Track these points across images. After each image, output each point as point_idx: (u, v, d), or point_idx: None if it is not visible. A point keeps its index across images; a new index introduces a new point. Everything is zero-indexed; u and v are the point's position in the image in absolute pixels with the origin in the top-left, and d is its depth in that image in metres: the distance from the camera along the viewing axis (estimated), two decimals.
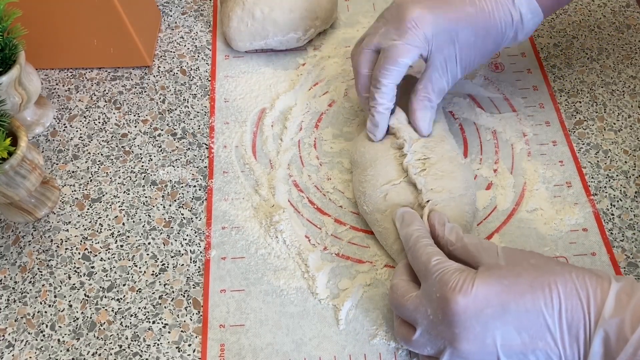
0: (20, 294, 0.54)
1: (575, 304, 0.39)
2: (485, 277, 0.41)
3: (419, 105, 0.55)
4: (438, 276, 0.43)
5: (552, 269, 0.41)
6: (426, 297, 0.43)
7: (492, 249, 0.44)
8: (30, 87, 0.58)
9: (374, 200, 0.53)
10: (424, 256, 0.45)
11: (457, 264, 0.43)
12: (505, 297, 0.40)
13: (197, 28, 0.72)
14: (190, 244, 0.56)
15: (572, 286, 0.40)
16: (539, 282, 0.40)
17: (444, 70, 0.54)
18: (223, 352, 0.50)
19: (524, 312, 0.40)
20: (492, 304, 0.40)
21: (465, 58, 0.54)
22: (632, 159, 0.60)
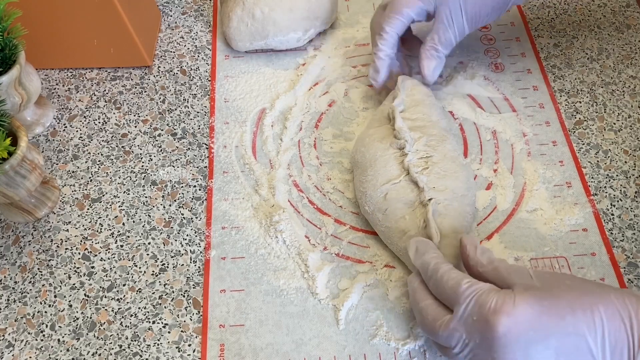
0: (20, 294, 0.54)
1: (618, 326, 0.38)
2: (525, 297, 0.39)
3: (425, 54, 0.58)
4: (473, 299, 0.40)
5: (590, 290, 0.40)
6: (460, 323, 0.41)
7: (524, 271, 0.43)
8: (30, 87, 0.58)
9: (375, 200, 0.53)
10: (450, 281, 0.42)
11: (490, 285, 0.41)
12: (546, 319, 0.38)
13: (197, 28, 0.72)
14: (190, 244, 0.56)
15: (613, 308, 0.38)
16: (579, 304, 0.39)
17: (450, 23, 0.56)
18: (223, 352, 0.50)
19: (566, 336, 0.38)
20: (533, 326, 0.38)
21: (470, 10, 0.56)
22: (632, 159, 0.60)
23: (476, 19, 0.57)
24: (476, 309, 0.40)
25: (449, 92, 0.64)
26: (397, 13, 0.56)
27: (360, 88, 0.66)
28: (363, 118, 0.63)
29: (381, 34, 0.58)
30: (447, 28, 0.57)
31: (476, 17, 0.57)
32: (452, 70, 0.66)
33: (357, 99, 0.65)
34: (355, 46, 0.69)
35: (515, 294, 0.39)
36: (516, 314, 0.38)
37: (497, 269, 0.44)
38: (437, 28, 0.57)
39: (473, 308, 0.40)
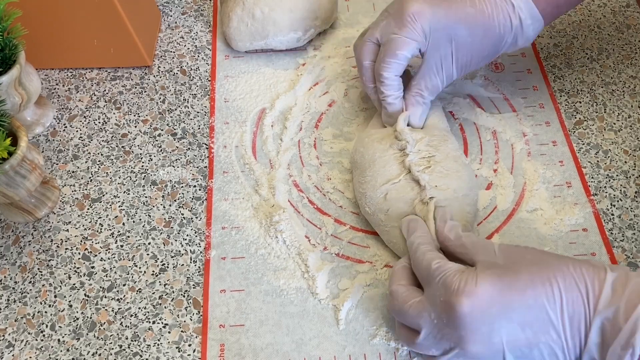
0: (20, 294, 0.54)
1: (575, 297, 0.40)
2: (486, 277, 0.41)
3: (410, 101, 0.56)
4: (440, 280, 0.43)
5: (549, 263, 0.42)
6: (430, 302, 0.43)
7: (489, 246, 0.45)
8: (30, 87, 0.58)
9: (375, 201, 0.53)
10: (424, 261, 0.45)
11: (457, 265, 0.44)
12: (507, 294, 0.40)
13: (197, 28, 0.72)
14: (190, 244, 0.56)
15: (570, 279, 0.40)
16: (538, 277, 0.41)
17: (439, 68, 0.55)
18: (223, 352, 0.50)
19: (527, 308, 0.40)
20: (496, 302, 0.40)
21: (461, 58, 0.54)
22: (632, 159, 0.60)
23: (466, 66, 0.55)
24: (442, 290, 0.42)
25: (449, 92, 0.64)
26: (392, 57, 0.54)
27: (360, 88, 0.66)
28: (363, 118, 0.63)
29: (382, 81, 0.55)
30: (436, 74, 0.55)
31: (467, 64, 0.55)
32: None
33: (357, 99, 0.65)
34: None
35: (477, 273, 0.42)
36: (478, 293, 0.40)
37: (463, 245, 0.46)
38: (424, 73, 0.55)
39: (440, 289, 0.42)
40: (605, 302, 0.39)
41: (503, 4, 0.53)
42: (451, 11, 0.53)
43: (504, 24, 0.53)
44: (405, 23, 0.53)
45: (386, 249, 0.54)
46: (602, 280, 0.40)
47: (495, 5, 0.53)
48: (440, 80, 0.55)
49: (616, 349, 0.38)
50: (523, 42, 0.55)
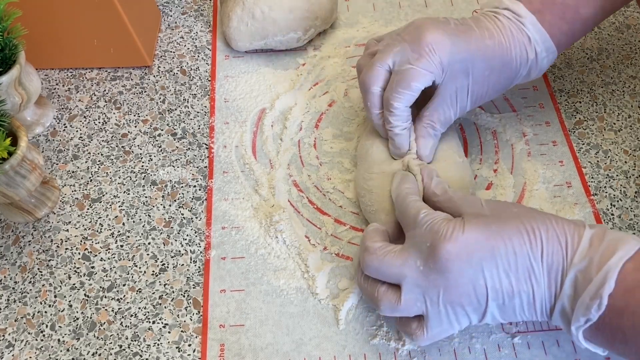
0: (20, 294, 0.54)
1: (556, 248, 0.41)
2: (473, 224, 0.42)
3: (421, 133, 0.53)
4: (428, 226, 0.43)
5: (534, 216, 0.43)
6: (415, 249, 0.44)
7: (476, 200, 0.46)
8: (30, 87, 0.58)
9: (381, 199, 0.53)
10: (412, 210, 0.46)
11: (444, 214, 0.44)
12: (494, 241, 0.42)
13: (197, 28, 0.72)
14: (190, 244, 0.56)
15: (553, 232, 0.42)
16: (524, 227, 0.42)
17: (453, 101, 0.52)
18: (223, 352, 0.50)
19: (512, 255, 0.41)
20: (482, 247, 0.41)
21: (477, 91, 0.53)
22: (632, 159, 0.60)
23: (481, 99, 0.54)
24: (430, 236, 0.43)
25: None
26: (406, 88, 0.50)
27: None
28: (363, 118, 0.63)
29: (392, 111, 0.52)
30: (450, 106, 0.52)
31: (482, 97, 0.54)
32: None
33: (357, 99, 0.65)
34: (355, 46, 0.69)
35: (465, 221, 0.43)
36: (465, 239, 0.42)
37: (450, 199, 0.47)
38: (438, 105, 0.52)
39: (427, 235, 0.43)
40: (581, 255, 0.40)
41: (520, 36, 0.52)
42: (471, 43, 0.51)
43: (521, 56, 0.52)
44: (422, 54, 0.50)
45: None
46: (580, 235, 0.41)
47: (513, 38, 0.52)
48: (453, 113, 0.53)
49: (585, 299, 0.39)
50: (536, 74, 0.54)
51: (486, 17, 0.53)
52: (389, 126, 0.53)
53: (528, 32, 0.52)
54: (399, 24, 0.71)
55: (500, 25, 0.52)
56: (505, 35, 0.52)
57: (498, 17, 0.53)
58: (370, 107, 0.54)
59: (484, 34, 0.52)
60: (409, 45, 0.51)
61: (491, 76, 0.52)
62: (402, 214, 0.47)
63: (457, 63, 0.51)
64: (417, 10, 0.72)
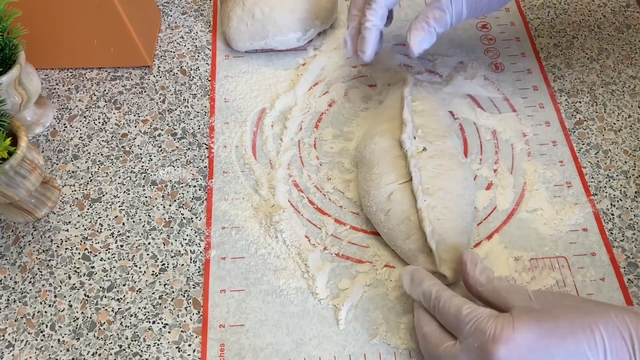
0: (20, 294, 0.54)
1: (620, 345, 0.38)
2: (524, 322, 0.39)
3: (415, 26, 0.54)
4: (473, 325, 0.41)
5: (589, 309, 0.40)
6: (464, 350, 0.41)
7: (523, 291, 0.43)
8: (30, 87, 0.58)
9: (378, 199, 0.53)
10: (452, 308, 0.43)
11: (489, 310, 0.42)
12: (547, 341, 0.39)
13: (197, 28, 0.72)
14: (190, 244, 0.56)
15: (613, 326, 0.39)
16: (579, 324, 0.39)
17: (448, 4, 0.53)
18: (223, 352, 0.50)
19: (568, 356, 0.38)
20: (534, 349, 0.38)
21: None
22: (632, 159, 0.60)
23: (476, 7, 0.54)
24: (477, 336, 0.40)
25: (449, 92, 0.64)
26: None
27: (360, 88, 0.66)
28: (363, 118, 0.63)
29: (371, 5, 0.53)
30: (445, 9, 0.53)
31: (477, 5, 0.54)
32: (452, 70, 0.66)
33: (357, 99, 0.65)
34: None
35: (514, 319, 0.40)
36: (516, 340, 0.39)
37: (495, 289, 0.44)
38: (434, 5, 0.53)
39: (474, 335, 0.40)
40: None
41: None
42: None
43: None
44: None
45: (386, 249, 0.54)
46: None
47: None
48: (449, 16, 0.53)
49: None
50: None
51: None
52: (363, 19, 0.54)
53: None
54: (399, 24, 0.71)
55: None
56: None
57: None
58: (351, 7, 0.56)
59: None
60: None
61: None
62: (442, 316, 0.44)
63: None
64: (417, 10, 0.72)
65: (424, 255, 0.50)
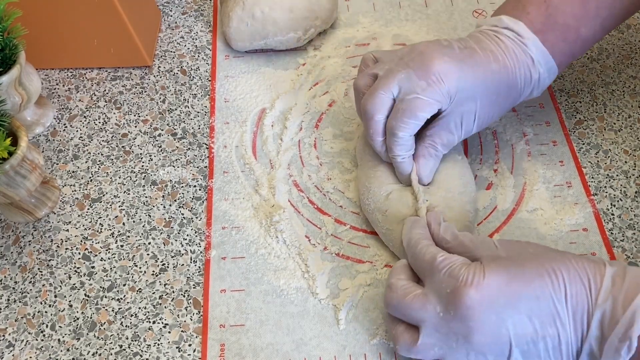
0: (20, 294, 0.54)
1: (579, 289, 0.40)
2: (493, 268, 0.41)
3: (422, 152, 0.52)
4: (446, 272, 0.42)
5: (552, 256, 0.42)
6: (434, 294, 0.43)
7: (489, 242, 0.45)
8: (30, 87, 0.58)
9: (377, 198, 0.53)
10: (427, 255, 0.45)
11: (463, 259, 0.43)
12: (515, 285, 0.41)
13: (197, 28, 0.72)
14: (191, 243, 0.56)
15: (574, 271, 0.41)
16: (544, 268, 0.41)
17: (457, 125, 0.51)
18: (223, 352, 0.50)
19: (535, 299, 0.40)
20: (504, 293, 0.40)
21: (483, 115, 0.52)
22: (632, 158, 0.60)
23: (486, 122, 0.53)
24: (450, 282, 0.42)
25: None
26: (411, 117, 0.49)
27: None
28: None
29: (396, 140, 0.50)
30: (454, 130, 0.52)
31: (487, 120, 0.53)
32: None
33: None
34: (355, 46, 0.69)
35: (484, 266, 0.42)
36: (486, 284, 0.40)
37: (462, 244, 0.46)
38: (442, 128, 0.51)
39: (447, 281, 0.42)
40: (605, 295, 0.39)
41: (523, 58, 0.51)
42: (477, 69, 0.50)
43: (525, 78, 0.52)
44: (430, 83, 0.49)
45: (386, 248, 0.54)
46: (602, 273, 0.40)
47: (517, 60, 0.51)
48: (457, 136, 0.52)
49: (614, 341, 0.38)
50: (538, 93, 0.54)
51: (487, 36, 0.52)
52: (392, 154, 0.52)
53: (531, 54, 0.51)
54: (399, 24, 0.71)
55: (503, 47, 0.51)
56: (509, 57, 0.51)
57: (499, 37, 0.52)
58: (373, 135, 0.52)
59: (488, 57, 0.51)
60: (414, 73, 0.49)
61: (498, 99, 0.52)
62: (416, 261, 0.46)
63: (465, 90, 0.50)
64: (417, 10, 0.72)
65: None
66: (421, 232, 0.48)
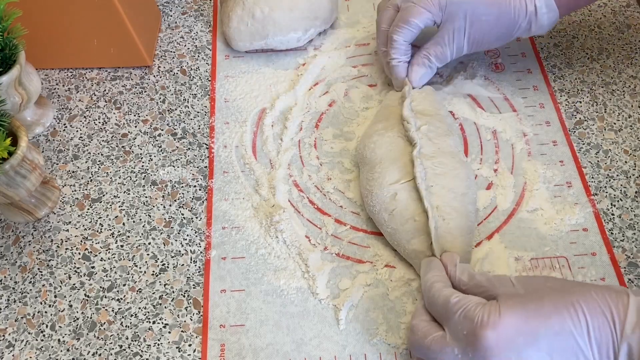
0: (20, 294, 0.54)
1: (602, 322, 0.39)
2: (509, 306, 0.40)
3: (417, 61, 0.59)
4: (462, 313, 0.41)
5: (571, 289, 0.41)
6: (452, 337, 0.42)
7: (505, 279, 0.44)
8: (30, 87, 0.58)
9: (381, 199, 0.53)
10: (441, 298, 0.44)
11: (477, 298, 0.42)
12: (533, 323, 0.39)
13: (197, 28, 0.72)
14: (191, 244, 0.56)
15: (595, 304, 0.39)
16: (562, 303, 0.40)
17: (450, 40, 0.58)
18: (223, 352, 0.50)
19: (554, 335, 0.39)
20: (522, 331, 0.39)
21: (474, 34, 0.57)
22: (632, 158, 0.60)
23: (478, 43, 0.58)
24: (465, 324, 0.41)
25: (449, 92, 0.64)
26: (405, 23, 0.58)
27: (361, 88, 0.66)
28: (363, 118, 0.63)
29: (392, 44, 0.59)
30: (446, 45, 0.58)
31: (479, 42, 0.58)
32: (452, 70, 0.66)
33: (357, 99, 0.65)
34: (356, 46, 0.69)
35: (499, 304, 0.40)
36: (503, 324, 0.39)
37: (479, 284, 0.45)
38: (435, 41, 0.58)
39: (463, 322, 0.41)
40: (631, 326, 0.38)
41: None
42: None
43: (519, 8, 0.56)
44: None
45: (387, 249, 0.54)
46: (625, 304, 0.39)
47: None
48: (450, 51, 0.58)
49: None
50: (536, 30, 0.58)
51: None
52: (388, 58, 0.60)
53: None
54: None
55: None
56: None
57: None
58: (379, 45, 0.62)
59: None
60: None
61: (489, 22, 0.57)
62: (431, 304, 0.45)
63: (454, 5, 0.56)
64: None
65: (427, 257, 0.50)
66: (436, 274, 0.47)
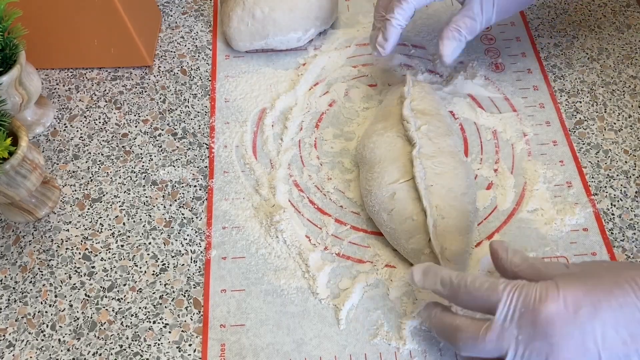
0: (20, 293, 0.54)
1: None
2: (567, 281, 0.39)
3: (447, 34, 0.56)
4: (515, 294, 0.40)
5: (628, 267, 0.40)
6: (507, 320, 0.40)
7: (560, 264, 0.43)
8: (30, 87, 0.58)
9: (380, 199, 0.53)
10: (485, 284, 0.41)
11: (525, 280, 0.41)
12: (594, 296, 0.38)
13: (197, 28, 0.72)
14: (191, 243, 0.56)
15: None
16: (623, 277, 0.39)
17: (479, 11, 0.56)
18: (223, 352, 0.50)
19: (619, 308, 0.38)
20: (582, 304, 0.38)
21: (501, 3, 0.56)
22: (632, 158, 0.60)
23: (505, 11, 0.57)
24: (521, 303, 0.39)
25: (449, 92, 0.64)
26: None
27: (361, 88, 0.66)
28: (363, 118, 0.63)
29: (400, 3, 0.55)
30: (476, 16, 0.56)
31: (505, 9, 0.57)
32: (453, 70, 0.66)
33: (358, 99, 0.65)
34: (356, 46, 0.69)
35: (556, 281, 0.39)
36: (563, 297, 0.38)
37: (532, 265, 0.43)
38: (464, 14, 0.56)
39: (517, 303, 0.39)
40: None
41: None
42: None
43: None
44: None
45: (387, 249, 0.54)
46: None
47: None
48: (479, 23, 0.56)
49: None
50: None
51: None
52: (389, 16, 0.56)
53: None
54: None
55: None
56: None
57: None
58: (378, 6, 0.58)
59: None
60: None
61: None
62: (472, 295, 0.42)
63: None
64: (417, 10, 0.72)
65: (427, 256, 0.50)
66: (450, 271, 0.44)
